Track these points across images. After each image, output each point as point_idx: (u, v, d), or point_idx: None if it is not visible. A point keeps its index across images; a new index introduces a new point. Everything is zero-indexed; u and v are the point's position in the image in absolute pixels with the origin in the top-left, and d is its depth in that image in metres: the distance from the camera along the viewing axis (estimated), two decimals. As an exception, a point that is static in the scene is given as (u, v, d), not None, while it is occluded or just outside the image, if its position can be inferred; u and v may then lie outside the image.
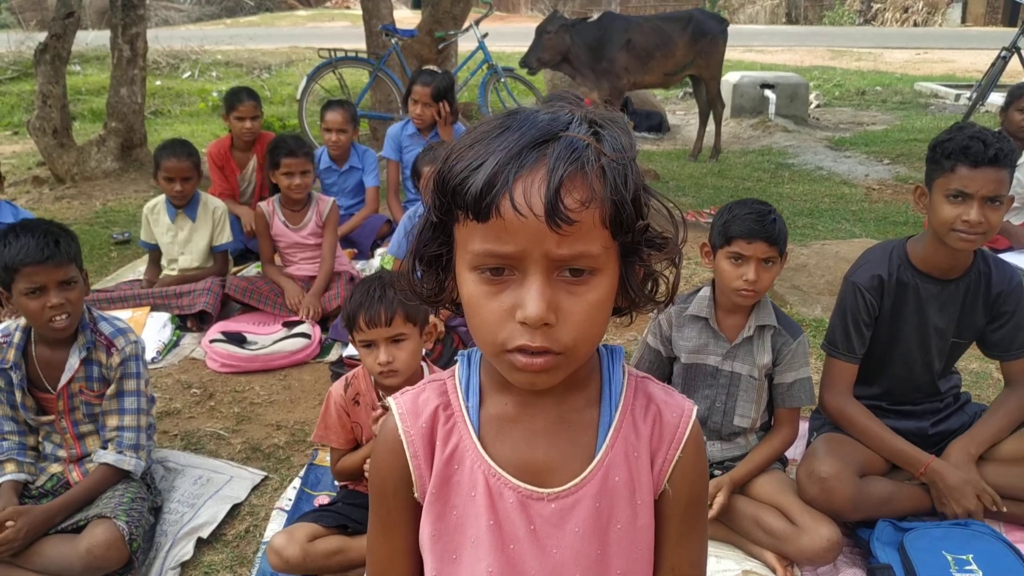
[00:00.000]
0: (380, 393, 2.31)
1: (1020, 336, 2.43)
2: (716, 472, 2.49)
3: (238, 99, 4.79)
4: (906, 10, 22.63)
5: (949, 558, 2.16)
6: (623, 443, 1.00)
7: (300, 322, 3.83)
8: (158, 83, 10.94)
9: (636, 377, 1.05)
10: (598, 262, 0.87)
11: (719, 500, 2.34)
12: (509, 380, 0.93)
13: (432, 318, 2.32)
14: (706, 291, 2.47)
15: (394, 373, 2.18)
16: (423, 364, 2.34)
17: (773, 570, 2.29)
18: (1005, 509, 2.32)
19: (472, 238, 0.87)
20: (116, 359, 2.45)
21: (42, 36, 6.79)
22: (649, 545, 1.03)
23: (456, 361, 1.07)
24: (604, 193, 0.85)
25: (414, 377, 2.24)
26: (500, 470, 0.99)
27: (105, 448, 2.46)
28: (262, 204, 4.11)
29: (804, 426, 2.65)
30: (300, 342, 3.71)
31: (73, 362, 2.42)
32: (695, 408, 1.04)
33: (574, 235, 0.84)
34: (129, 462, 2.44)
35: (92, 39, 11.82)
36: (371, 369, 2.24)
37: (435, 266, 0.97)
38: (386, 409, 1.25)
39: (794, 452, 2.57)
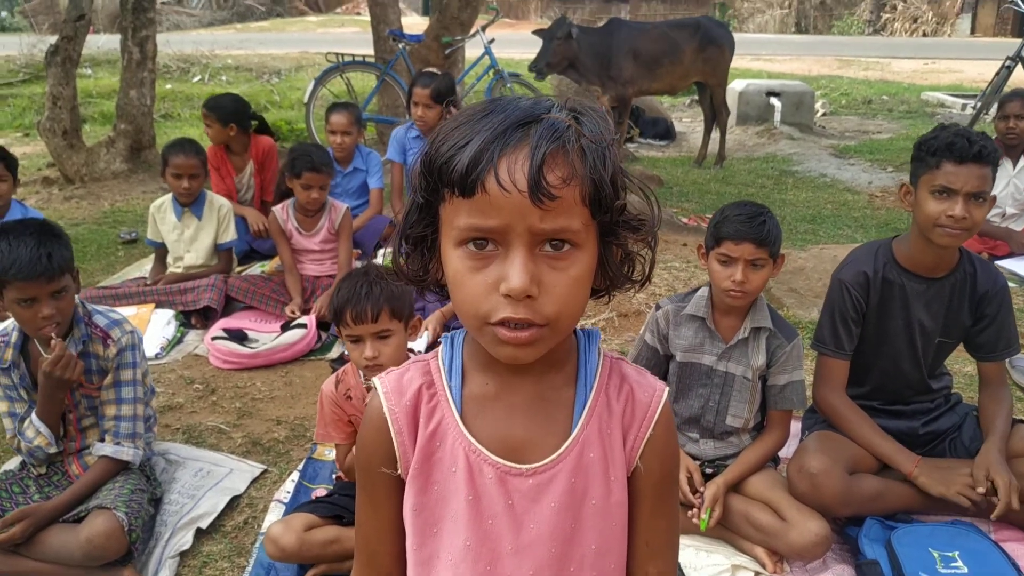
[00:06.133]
0: (369, 387, 2.34)
1: (1003, 338, 2.46)
2: (708, 471, 2.52)
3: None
4: (915, 20, 22.64)
5: (935, 555, 2.18)
6: (597, 421, 1.04)
7: (298, 323, 3.87)
8: (168, 87, 11.04)
9: (611, 358, 1.08)
10: (579, 237, 0.91)
11: (716, 513, 2.35)
12: (492, 354, 0.96)
13: (417, 316, 2.35)
14: (704, 291, 2.50)
15: (379, 368, 2.21)
16: (410, 357, 2.36)
17: (763, 565, 2.31)
18: (983, 490, 2.24)
19: (458, 214, 0.91)
20: (112, 350, 2.46)
21: (54, 39, 6.87)
22: (622, 522, 1.06)
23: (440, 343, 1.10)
24: (584, 172, 0.89)
25: None
26: (480, 447, 1.02)
27: (103, 439, 2.48)
28: (276, 210, 4.14)
29: (796, 426, 2.67)
30: (298, 333, 3.76)
31: None
32: (667, 388, 1.08)
33: (556, 211, 0.88)
34: (127, 452, 2.46)
35: (103, 43, 11.96)
36: (357, 363, 2.29)
37: (420, 247, 1.01)
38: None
39: (786, 451, 2.59)
